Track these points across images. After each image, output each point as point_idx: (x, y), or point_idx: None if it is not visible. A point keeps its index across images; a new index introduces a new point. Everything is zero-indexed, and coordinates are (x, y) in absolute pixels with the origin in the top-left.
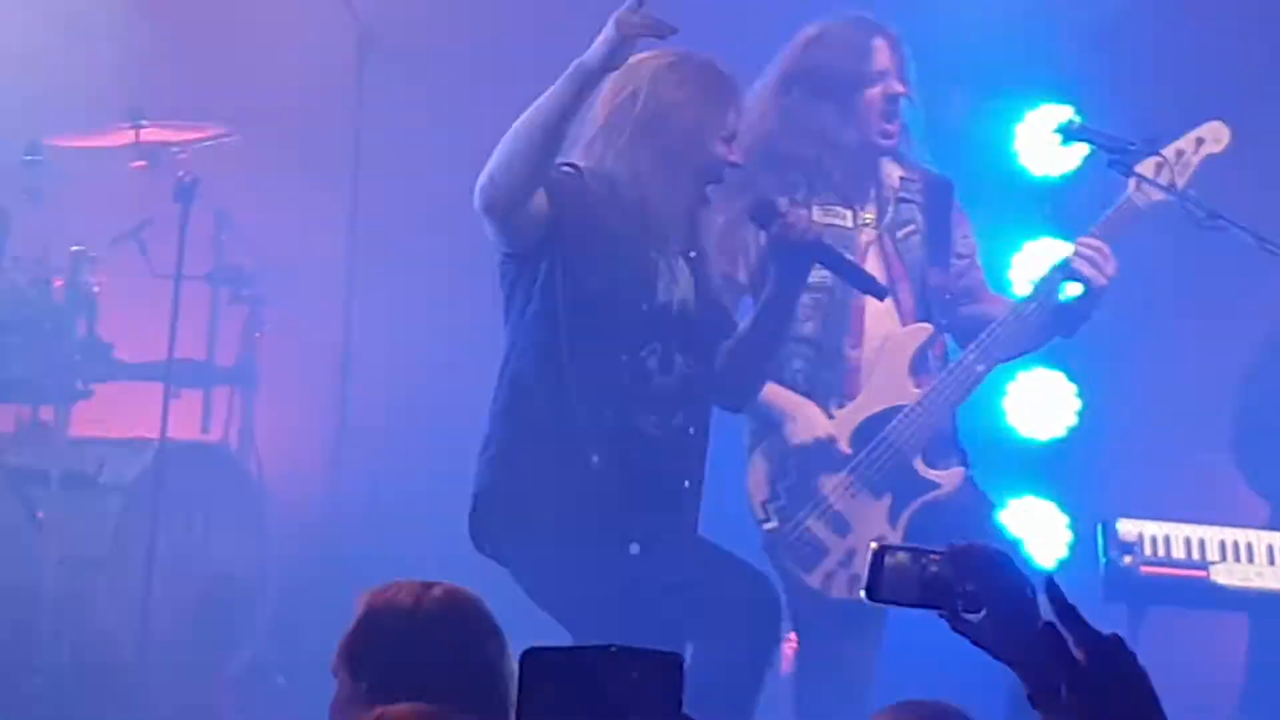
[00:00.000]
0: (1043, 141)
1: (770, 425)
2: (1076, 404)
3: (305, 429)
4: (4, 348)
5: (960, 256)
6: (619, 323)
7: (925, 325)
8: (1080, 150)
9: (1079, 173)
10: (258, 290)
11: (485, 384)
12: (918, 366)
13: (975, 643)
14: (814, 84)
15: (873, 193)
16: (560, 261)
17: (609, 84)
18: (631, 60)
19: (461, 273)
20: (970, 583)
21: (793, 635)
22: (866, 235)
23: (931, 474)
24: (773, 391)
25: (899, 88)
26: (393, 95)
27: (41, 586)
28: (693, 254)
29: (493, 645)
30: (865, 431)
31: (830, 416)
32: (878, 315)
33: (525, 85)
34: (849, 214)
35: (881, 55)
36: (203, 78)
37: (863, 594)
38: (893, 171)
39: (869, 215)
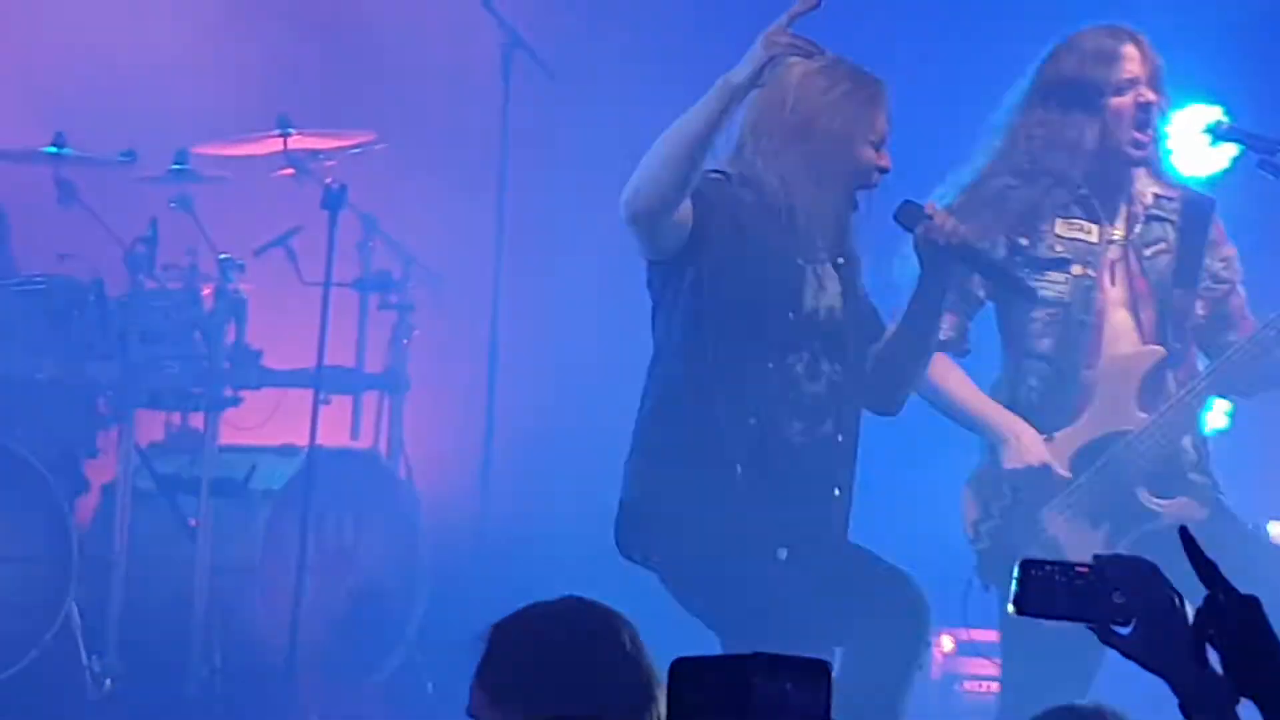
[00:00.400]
0: (1191, 142)
1: (986, 445)
2: (1226, 405)
3: (454, 434)
4: (154, 356)
5: (1219, 281)
6: (765, 330)
7: (1157, 348)
8: (1229, 151)
9: (1228, 174)
10: (406, 296)
11: (632, 388)
12: (1148, 390)
13: (1125, 654)
14: (1063, 94)
15: (1123, 208)
16: (706, 269)
17: (758, 89)
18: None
19: (609, 276)
20: (1119, 594)
21: (941, 639)
22: (1113, 252)
23: (1154, 503)
24: (992, 409)
25: (1150, 95)
26: (537, 99)
27: (194, 593)
28: (841, 260)
29: (630, 647)
30: (1086, 456)
31: (1051, 438)
32: (1116, 336)
33: (669, 88)
34: (1094, 229)
35: (1132, 62)
36: (349, 85)
37: (1010, 607)
38: (1147, 187)
39: (1117, 231)
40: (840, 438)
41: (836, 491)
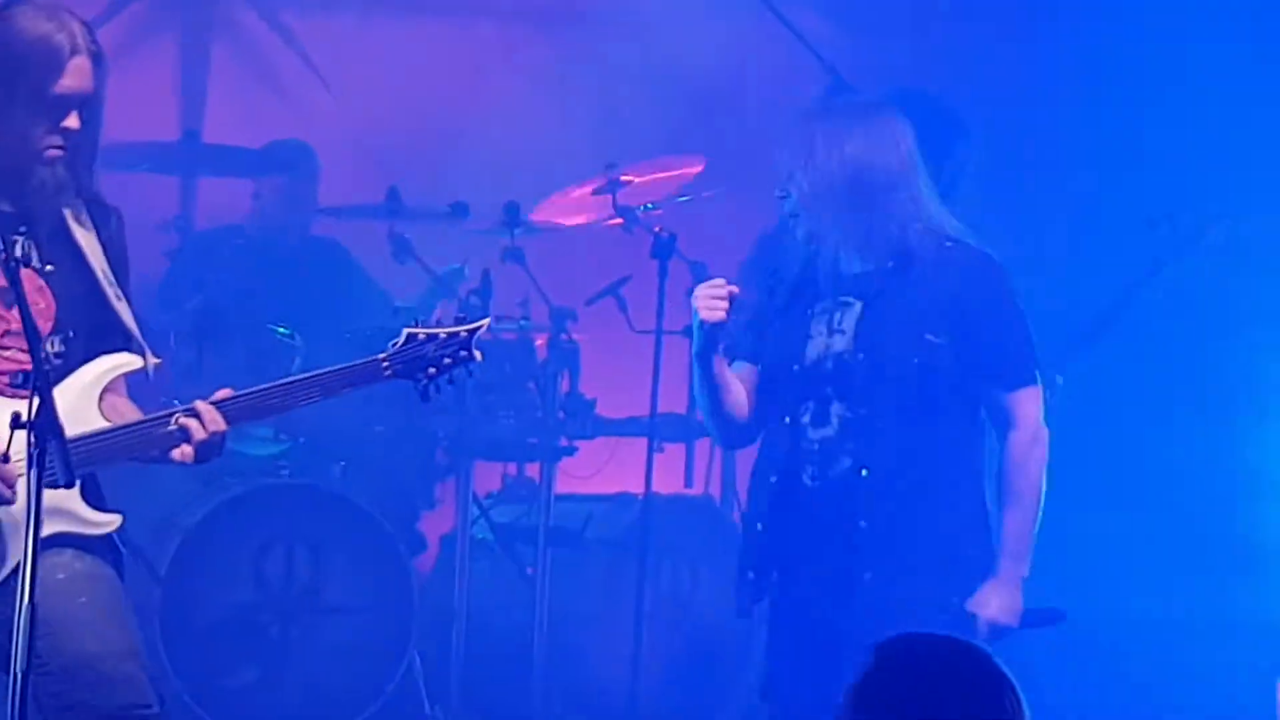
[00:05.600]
0: None
1: None
2: None
3: None
4: (489, 406)
5: None
6: (777, 389)
7: None
8: None
9: None
10: None
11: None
12: None
13: None
14: None
15: None
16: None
17: None
18: None
19: None
20: None
21: None
22: None
23: None
24: None
25: None
26: None
27: (533, 642)
28: (847, 299)
29: (1009, 701)
30: None
31: None
32: None
33: (987, 120)
34: None
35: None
36: (677, 132)
37: None
38: None
39: None
40: (864, 472)
41: (863, 524)
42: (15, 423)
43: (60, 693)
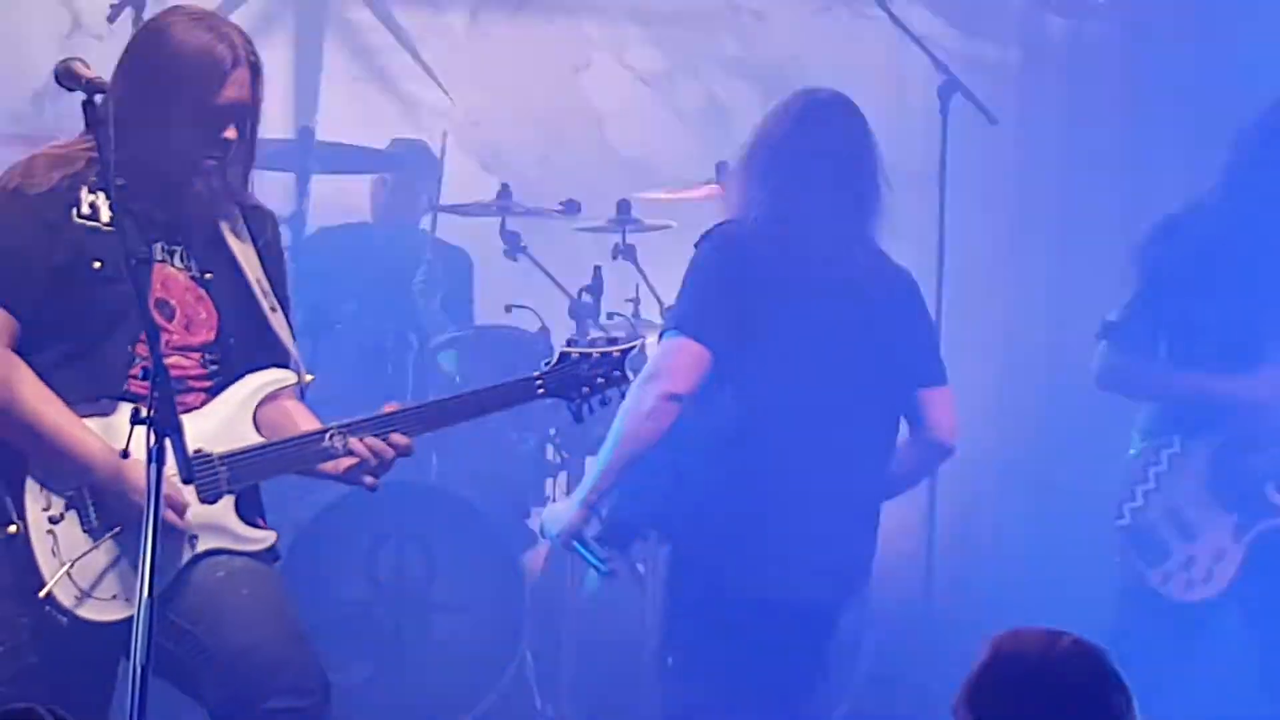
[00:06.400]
0: None
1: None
2: None
3: None
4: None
5: None
6: None
7: None
8: None
9: None
10: None
11: (1069, 407)
12: None
13: None
14: None
15: None
16: None
17: None
18: None
19: (1050, 313)
20: None
21: None
22: None
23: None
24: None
25: None
26: (975, 141)
27: (640, 640)
28: None
29: (1118, 700)
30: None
31: None
32: None
33: (1101, 128)
34: None
35: None
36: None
37: None
38: None
39: None
40: None
41: None
42: (135, 418)
43: (228, 682)
